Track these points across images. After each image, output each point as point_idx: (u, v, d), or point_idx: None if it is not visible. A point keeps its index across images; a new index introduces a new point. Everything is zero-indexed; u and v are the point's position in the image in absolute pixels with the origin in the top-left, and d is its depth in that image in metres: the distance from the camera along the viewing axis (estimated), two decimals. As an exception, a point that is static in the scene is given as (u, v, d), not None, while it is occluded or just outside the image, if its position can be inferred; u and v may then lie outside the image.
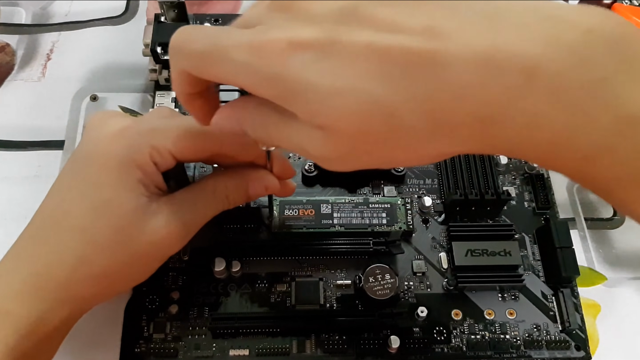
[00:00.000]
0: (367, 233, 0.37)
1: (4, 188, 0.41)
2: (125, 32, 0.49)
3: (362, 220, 0.37)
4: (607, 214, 0.42)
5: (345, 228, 0.37)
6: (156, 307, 0.36)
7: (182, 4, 0.43)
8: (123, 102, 0.45)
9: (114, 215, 0.28)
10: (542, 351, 0.35)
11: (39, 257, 0.28)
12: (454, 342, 0.35)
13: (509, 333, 0.36)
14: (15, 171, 0.42)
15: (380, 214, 0.38)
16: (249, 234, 0.38)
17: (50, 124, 0.44)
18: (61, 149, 0.43)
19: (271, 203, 0.36)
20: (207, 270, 0.36)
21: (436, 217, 0.40)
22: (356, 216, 0.38)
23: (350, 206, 0.38)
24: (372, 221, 0.37)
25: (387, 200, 0.39)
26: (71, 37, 0.49)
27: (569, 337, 0.36)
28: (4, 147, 0.43)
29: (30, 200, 0.40)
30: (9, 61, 0.47)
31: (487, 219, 0.39)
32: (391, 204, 0.39)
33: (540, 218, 0.40)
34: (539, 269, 0.38)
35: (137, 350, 0.34)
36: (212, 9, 0.51)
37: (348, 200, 0.38)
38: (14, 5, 0.50)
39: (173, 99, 0.41)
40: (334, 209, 0.38)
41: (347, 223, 0.37)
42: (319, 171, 0.40)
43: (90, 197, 0.28)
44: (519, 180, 0.41)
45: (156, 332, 0.35)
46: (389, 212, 0.38)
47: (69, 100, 0.45)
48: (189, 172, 0.39)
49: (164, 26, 0.43)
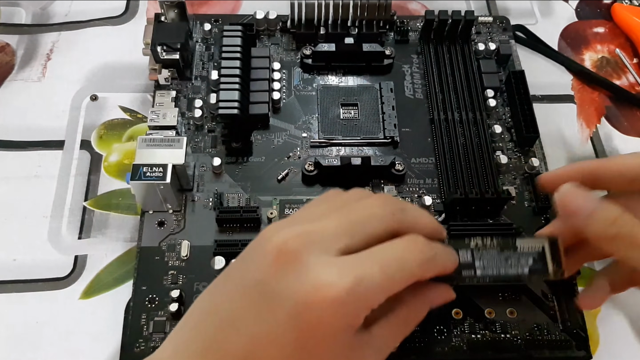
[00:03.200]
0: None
1: (4, 188, 0.41)
2: (125, 32, 0.49)
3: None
4: (607, 214, 0.42)
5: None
6: (156, 306, 0.36)
7: (182, 4, 0.43)
8: (123, 102, 0.45)
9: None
10: (543, 351, 0.35)
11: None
12: (455, 342, 0.35)
13: (510, 332, 0.36)
14: (15, 171, 0.42)
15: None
16: (249, 233, 0.38)
17: (50, 124, 0.44)
18: (61, 149, 0.43)
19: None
20: (207, 269, 0.36)
21: (436, 216, 0.40)
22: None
23: (351, 205, 0.38)
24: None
25: (388, 200, 0.39)
26: (71, 37, 0.49)
27: (570, 337, 0.36)
28: (4, 147, 0.43)
29: (31, 200, 0.41)
30: (9, 61, 0.47)
31: (487, 219, 0.39)
32: (391, 203, 0.38)
33: (541, 218, 0.40)
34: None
35: (137, 349, 0.34)
36: (212, 9, 0.51)
37: (348, 200, 0.38)
38: (14, 5, 0.50)
39: (173, 99, 0.41)
40: (334, 208, 0.38)
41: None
42: (319, 171, 0.40)
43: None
44: (519, 180, 0.41)
45: (156, 332, 0.35)
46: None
47: (69, 100, 0.45)
48: (189, 171, 0.39)
49: (164, 26, 0.43)
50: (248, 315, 0.26)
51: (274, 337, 0.25)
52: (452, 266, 0.29)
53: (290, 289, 0.25)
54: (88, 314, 0.37)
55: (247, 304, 0.26)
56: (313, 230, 0.26)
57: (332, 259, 0.25)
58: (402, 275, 0.26)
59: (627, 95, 0.48)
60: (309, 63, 0.45)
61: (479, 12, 0.51)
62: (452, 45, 0.46)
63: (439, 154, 0.42)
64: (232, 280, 0.28)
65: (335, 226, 0.27)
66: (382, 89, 0.44)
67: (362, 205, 0.28)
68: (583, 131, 0.46)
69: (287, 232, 0.26)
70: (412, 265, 0.26)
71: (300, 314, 0.25)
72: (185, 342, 0.27)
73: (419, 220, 0.29)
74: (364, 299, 0.25)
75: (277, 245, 0.26)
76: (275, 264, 0.26)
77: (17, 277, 0.38)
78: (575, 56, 0.50)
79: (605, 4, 0.54)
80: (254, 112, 0.42)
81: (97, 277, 0.38)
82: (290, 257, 0.25)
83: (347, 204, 0.29)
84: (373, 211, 0.28)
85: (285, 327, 0.25)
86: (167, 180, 0.35)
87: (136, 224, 0.39)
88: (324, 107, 0.43)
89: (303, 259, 0.25)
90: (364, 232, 0.27)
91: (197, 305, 0.28)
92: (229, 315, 0.26)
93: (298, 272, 0.25)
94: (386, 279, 0.26)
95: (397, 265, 0.26)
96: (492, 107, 0.44)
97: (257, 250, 0.27)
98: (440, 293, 0.30)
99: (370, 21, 0.46)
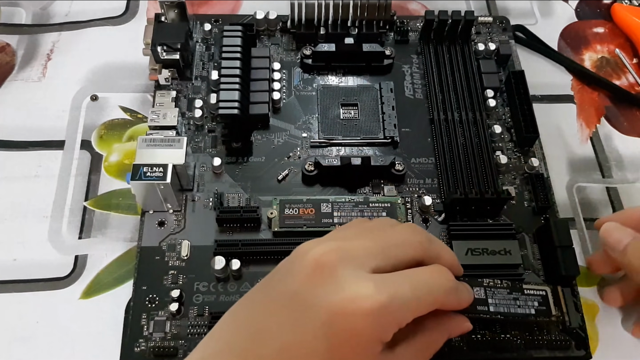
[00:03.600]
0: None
1: (4, 188, 0.41)
2: (125, 32, 0.49)
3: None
4: (607, 214, 0.42)
5: (345, 227, 0.37)
6: (156, 306, 0.36)
7: (182, 4, 0.43)
8: (123, 102, 0.45)
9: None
10: (542, 350, 0.35)
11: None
12: (455, 342, 0.35)
13: (510, 332, 0.36)
14: (15, 171, 0.42)
15: (381, 214, 0.38)
16: (249, 233, 0.38)
17: (51, 124, 0.44)
18: (61, 149, 0.43)
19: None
20: (207, 269, 0.36)
21: (436, 216, 0.40)
22: (356, 215, 0.38)
23: (351, 205, 0.38)
24: (373, 220, 0.37)
25: (387, 200, 0.39)
26: (71, 37, 0.49)
27: (569, 337, 0.36)
28: (4, 147, 0.43)
29: (31, 200, 0.41)
30: (9, 61, 0.47)
31: (487, 219, 0.39)
32: (391, 203, 0.39)
33: (540, 217, 0.40)
34: (539, 268, 0.38)
35: (137, 349, 0.34)
36: (212, 9, 0.51)
37: (348, 200, 0.38)
38: (14, 5, 0.50)
39: (173, 99, 0.41)
40: (334, 208, 0.38)
41: (348, 222, 0.37)
42: (319, 171, 0.40)
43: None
44: (518, 180, 0.41)
45: (156, 331, 0.35)
46: (389, 211, 0.38)
47: (69, 100, 0.45)
48: (189, 171, 0.39)
49: (165, 26, 0.43)
50: (282, 325, 0.26)
51: (305, 346, 0.26)
52: (470, 300, 0.31)
53: (326, 299, 0.26)
54: (88, 314, 0.37)
55: (282, 315, 0.27)
56: (348, 247, 0.28)
57: (366, 275, 0.27)
58: (430, 299, 0.28)
59: (627, 96, 0.48)
60: (309, 63, 0.45)
61: (479, 12, 0.51)
62: (452, 46, 0.46)
63: (438, 154, 0.42)
64: (267, 293, 0.29)
65: (368, 246, 0.28)
66: (382, 89, 0.44)
67: (393, 231, 0.30)
68: (583, 131, 0.46)
69: (323, 247, 0.28)
70: (440, 291, 0.28)
71: (335, 323, 0.25)
72: (214, 354, 0.27)
73: (442, 253, 0.30)
74: (396, 315, 0.26)
75: (314, 258, 0.27)
76: (311, 276, 0.27)
77: (17, 277, 0.38)
78: (575, 56, 0.50)
79: (605, 4, 0.54)
80: (254, 112, 0.42)
81: (97, 277, 0.38)
82: (326, 269, 0.27)
83: (378, 229, 0.30)
84: (404, 237, 0.30)
85: (317, 336, 0.26)
86: (168, 180, 0.35)
87: (136, 224, 0.39)
88: (324, 107, 0.44)
89: (338, 272, 0.26)
90: (395, 256, 0.28)
91: (228, 317, 0.29)
92: (263, 326, 0.27)
93: (334, 284, 0.26)
94: (416, 300, 0.27)
95: (426, 288, 0.28)
96: (492, 107, 0.44)
97: (293, 264, 0.28)
98: (459, 323, 0.31)
99: (370, 21, 0.46)
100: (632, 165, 0.45)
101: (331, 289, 0.26)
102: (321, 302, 0.26)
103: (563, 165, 0.44)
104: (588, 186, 0.44)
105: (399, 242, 0.29)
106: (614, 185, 0.44)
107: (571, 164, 0.45)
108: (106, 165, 0.42)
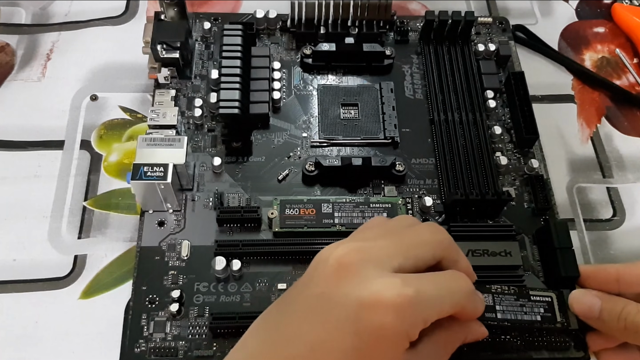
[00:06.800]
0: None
1: (4, 188, 0.41)
2: (125, 32, 0.49)
3: (363, 219, 0.37)
4: (606, 215, 0.42)
5: (346, 227, 0.37)
6: (156, 306, 0.36)
7: (182, 3, 0.43)
8: (123, 102, 0.45)
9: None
10: (542, 351, 0.35)
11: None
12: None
13: (509, 333, 0.36)
14: (15, 171, 0.42)
15: (381, 214, 0.38)
16: (249, 233, 0.38)
17: (50, 124, 0.44)
18: (61, 149, 0.43)
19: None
20: (207, 269, 0.36)
21: (436, 217, 0.40)
22: (357, 216, 0.38)
23: (351, 206, 0.38)
24: (373, 221, 0.37)
25: (388, 200, 0.39)
26: (71, 37, 0.48)
27: (568, 338, 0.36)
28: (4, 147, 0.43)
29: (31, 200, 0.40)
30: (9, 61, 0.47)
31: (487, 220, 0.39)
32: (392, 203, 0.39)
33: (540, 219, 0.40)
34: (539, 270, 0.38)
35: (137, 349, 0.34)
36: (212, 8, 0.51)
37: (349, 200, 0.38)
38: (14, 5, 0.50)
39: (172, 98, 0.41)
40: (335, 209, 0.38)
41: (348, 222, 0.37)
42: (319, 171, 0.40)
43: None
44: (518, 181, 0.41)
45: (156, 332, 0.35)
46: (390, 212, 0.38)
47: (69, 100, 0.45)
48: (189, 170, 0.39)
49: (164, 24, 0.43)
50: (311, 325, 0.27)
51: (333, 343, 0.26)
52: (483, 309, 0.31)
53: (353, 294, 0.26)
54: (88, 314, 0.37)
55: (311, 316, 0.27)
56: (370, 247, 0.28)
57: (389, 273, 0.27)
58: (452, 301, 0.28)
59: (627, 95, 0.48)
60: (309, 63, 0.45)
61: (479, 12, 0.51)
62: (452, 46, 0.46)
63: (439, 155, 0.42)
64: (294, 299, 0.29)
65: (390, 246, 0.28)
66: (382, 89, 0.44)
67: (414, 231, 0.30)
68: (583, 131, 0.46)
69: (345, 247, 0.28)
70: (460, 294, 0.29)
71: (363, 318, 0.26)
72: (247, 357, 0.28)
73: (460, 257, 0.31)
74: (422, 311, 0.27)
75: (336, 260, 0.27)
76: (335, 276, 0.27)
77: (17, 277, 0.38)
78: (576, 56, 0.50)
79: (605, 4, 0.54)
80: (254, 112, 0.42)
81: (97, 277, 0.38)
82: (350, 269, 0.27)
83: (398, 229, 0.30)
84: (425, 237, 0.30)
85: (347, 332, 0.26)
86: (168, 180, 0.35)
87: (136, 223, 0.39)
88: (324, 107, 0.43)
89: (361, 271, 0.27)
90: (415, 256, 0.28)
91: (257, 325, 0.29)
92: (292, 328, 0.27)
93: (359, 281, 0.26)
94: (440, 299, 0.27)
95: (448, 290, 0.28)
96: (491, 108, 0.44)
97: (316, 269, 0.28)
98: (475, 328, 0.32)
99: (370, 21, 0.46)
100: (632, 165, 0.45)
101: (357, 286, 0.26)
102: (348, 299, 0.26)
103: (563, 165, 0.44)
104: (588, 186, 0.44)
105: (419, 242, 0.29)
106: (614, 186, 0.44)
107: (571, 164, 0.45)
108: (106, 165, 0.42)
